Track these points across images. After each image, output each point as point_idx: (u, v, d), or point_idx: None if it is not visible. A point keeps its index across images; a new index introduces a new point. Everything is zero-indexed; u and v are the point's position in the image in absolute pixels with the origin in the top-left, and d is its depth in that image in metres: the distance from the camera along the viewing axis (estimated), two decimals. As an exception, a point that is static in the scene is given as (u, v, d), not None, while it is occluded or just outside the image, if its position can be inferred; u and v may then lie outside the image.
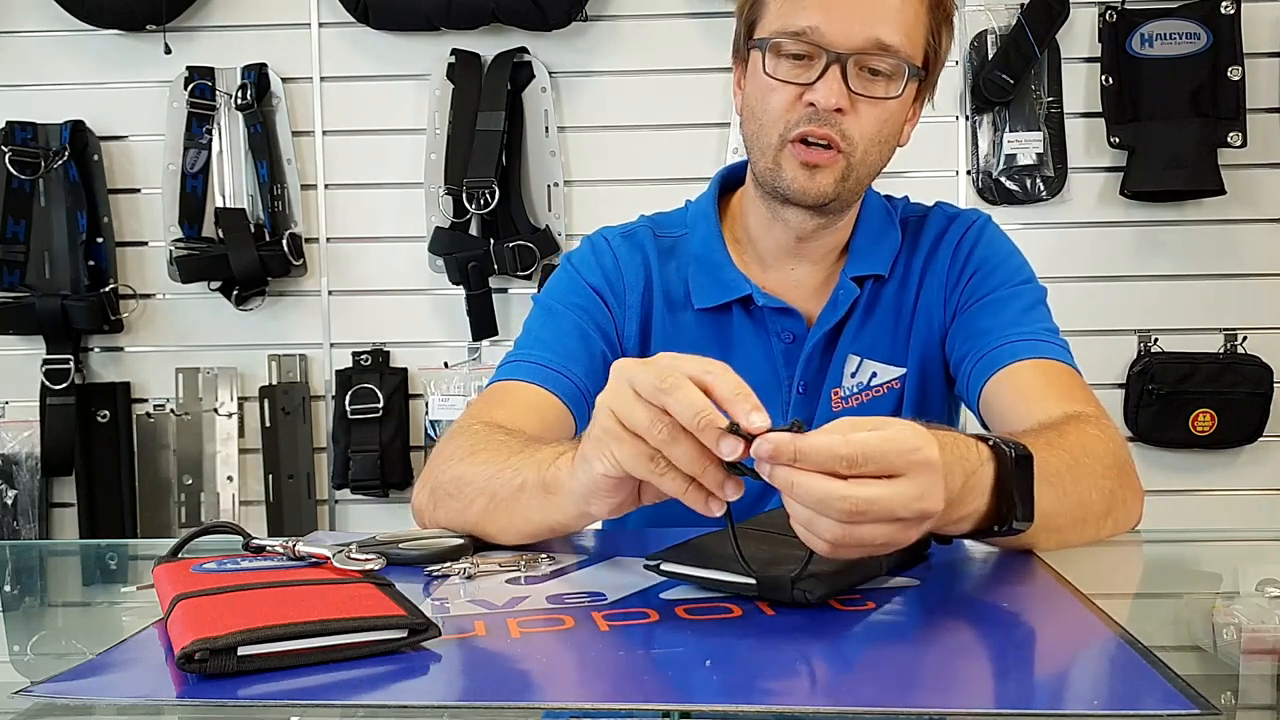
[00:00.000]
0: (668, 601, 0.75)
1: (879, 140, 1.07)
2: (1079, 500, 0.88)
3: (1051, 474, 0.83)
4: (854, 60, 1.03)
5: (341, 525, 2.47)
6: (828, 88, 1.02)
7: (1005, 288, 1.15)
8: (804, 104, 1.04)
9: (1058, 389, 1.05)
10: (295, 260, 2.37)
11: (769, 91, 1.06)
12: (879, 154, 1.09)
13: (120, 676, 0.63)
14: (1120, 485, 0.94)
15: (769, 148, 1.08)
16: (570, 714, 0.56)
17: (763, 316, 1.17)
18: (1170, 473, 2.38)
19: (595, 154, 2.39)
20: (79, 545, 1.81)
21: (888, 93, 1.05)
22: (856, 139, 1.05)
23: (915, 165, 2.33)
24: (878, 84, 1.05)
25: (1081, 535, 0.91)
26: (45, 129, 2.38)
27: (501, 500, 0.90)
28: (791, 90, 1.05)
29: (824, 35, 1.02)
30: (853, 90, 1.03)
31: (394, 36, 2.39)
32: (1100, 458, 0.92)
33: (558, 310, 1.17)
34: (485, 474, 0.92)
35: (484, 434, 0.99)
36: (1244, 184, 2.33)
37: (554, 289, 1.21)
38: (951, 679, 0.62)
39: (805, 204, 1.08)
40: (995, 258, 1.17)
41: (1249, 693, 0.66)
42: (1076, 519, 0.89)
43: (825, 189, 1.07)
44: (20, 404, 2.44)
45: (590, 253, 1.22)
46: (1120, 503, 0.94)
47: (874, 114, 1.05)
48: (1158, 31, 2.30)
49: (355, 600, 0.67)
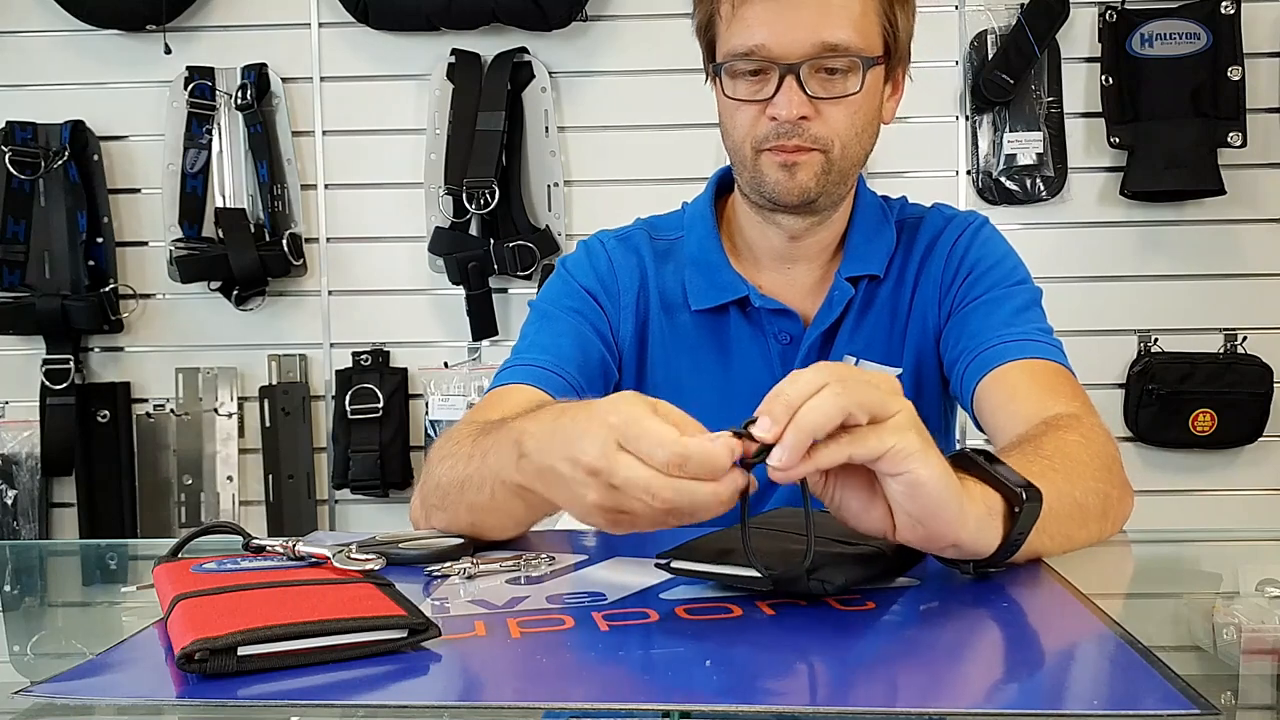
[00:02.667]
0: (668, 601, 0.75)
1: (854, 132, 1.08)
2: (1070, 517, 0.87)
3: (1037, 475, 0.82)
4: (807, 66, 1.04)
5: (341, 525, 2.47)
6: (786, 99, 1.04)
7: (999, 289, 1.15)
8: (768, 118, 1.06)
9: (1045, 388, 1.04)
10: (295, 260, 2.37)
11: (734, 110, 1.09)
12: (859, 145, 1.10)
13: (120, 676, 0.63)
14: (1110, 490, 0.93)
15: (746, 159, 1.10)
16: (570, 714, 0.56)
17: (759, 318, 1.17)
18: (1170, 473, 2.38)
19: (595, 154, 2.39)
20: (79, 545, 1.81)
21: (846, 89, 1.06)
22: (830, 137, 1.06)
23: (915, 165, 2.34)
24: (835, 82, 1.06)
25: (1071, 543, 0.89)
26: (45, 129, 2.38)
27: (481, 509, 0.90)
28: (754, 107, 1.07)
29: (771, 50, 1.04)
30: (812, 96, 1.05)
31: (394, 36, 2.40)
32: (1085, 463, 0.91)
33: (552, 314, 1.18)
34: (457, 482, 0.92)
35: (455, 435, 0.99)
36: (1244, 184, 2.33)
37: (549, 293, 1.21)
38: (951, 679, 0.62)
39: (791, 203, 1.09)
40: (989, 259, 1.17)
41: (1249, 693, 0.66)
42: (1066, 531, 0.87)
43: (807, 185, 1.07)
44: (20, 404, 2.44)
45: (585, 256, 1.22)
46: (1113, 502, 0.93)
47: (840, 112, 1.06)
48: (1158, 31, 2.30)
49: (355, 600, 0.67)
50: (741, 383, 1.17)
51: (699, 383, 1.18)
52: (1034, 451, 0.89)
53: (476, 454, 0.90)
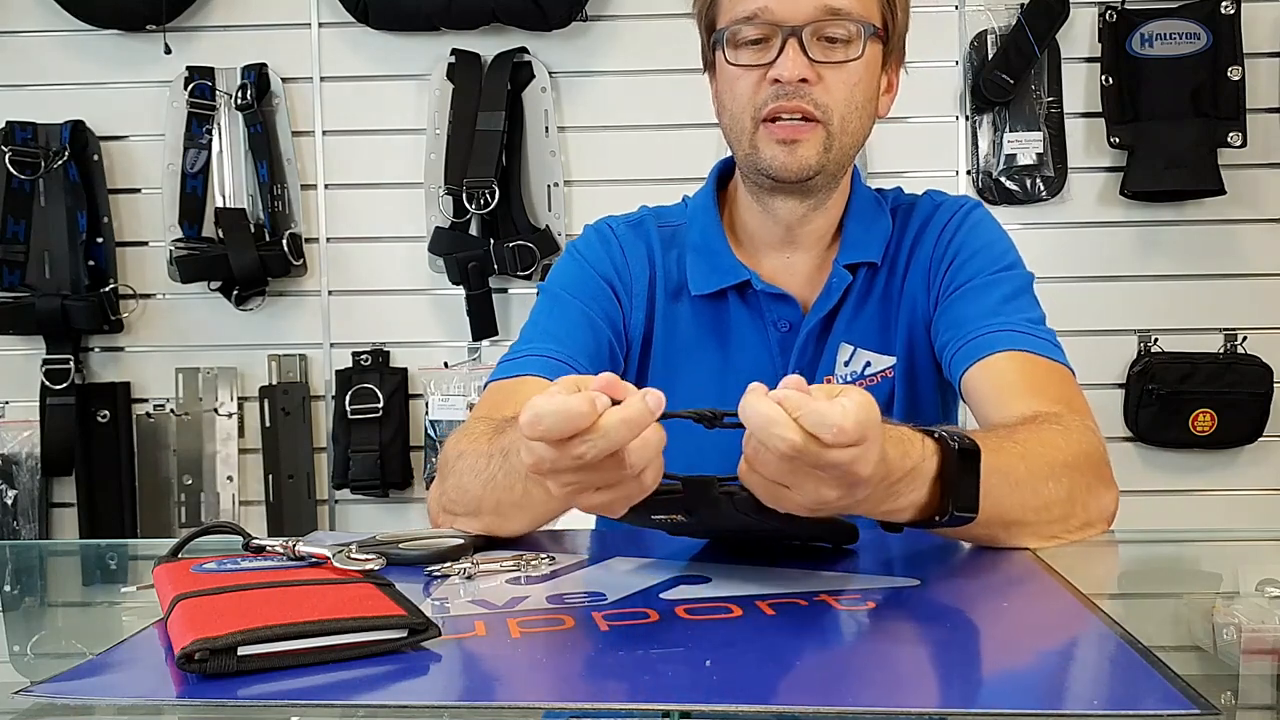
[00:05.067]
0: (668, 601, 0.75)
1: (854, 105, 1.09)
2: (1034, 491, 0.87)
3: (1001, 469, 0.82)
4: (810, 30, 1.05)
5: (341, 525, 2.47)
6: (788, 61, 1.05)
7: (986, 274, 1.13)
8: (769, 82, 1.07)
9: (1031, 385, 1.03)
10: (295, 260, 2.37)
11: (735, 79, 1.09)
12: (858, 121, 1.10)
13: (120, 676, 0.63)
14: (1079, 479, 0.91)
15: (744, 133, 1.10)
16: (570, 714, 0.56)
17: (759, 305, 1.17)
18: (1170, 473, 2.38)
19: (595, 154, 2.39)
20: (79, 545, 1.81)
21: (848, 55, 1.07)
22: (831, 106, 1.07)
23: (915, 165, 2.34)
24: (837, 49, 1.07)
25: (1043, 533, 0.89)
26: (45, 129, 2.38)
27: (511, 506, 0.91)
28: (755, 73, 1.08)
29: (775, 13, 1.05)
30: (813, 60, 1.06)
31: (394, 36, 2.39)
32: (1057, 450, 0.90)
33: (564, 299, 1.18)
34: (480, 482, 0.92)
35: (471, 432, 0.99)
36: (1244, 184, 2.33)
37: (561, 277, 1.21)
38: (951, 679, 0.62)
39: (789, 179, 1.09)
40: (977, 242, 1.16)
41: (1249, 693, 0.66)
42: (1035, 509, 0.87)
43: (808, 161, 1.08)
44: (20, 404, 2.44)
45: (598, 242, 1.22)
46: (1085, 493, 0.92)
47: (841, 79, 1.07)
48: (1158, 31, 2.30)
49: (355, 600, 0.67)
50: (740, 369, 1.17)
51: (697, 368, 1.19)
52: (1007, 436, 0.89)
53: (496, 453, 0.91)
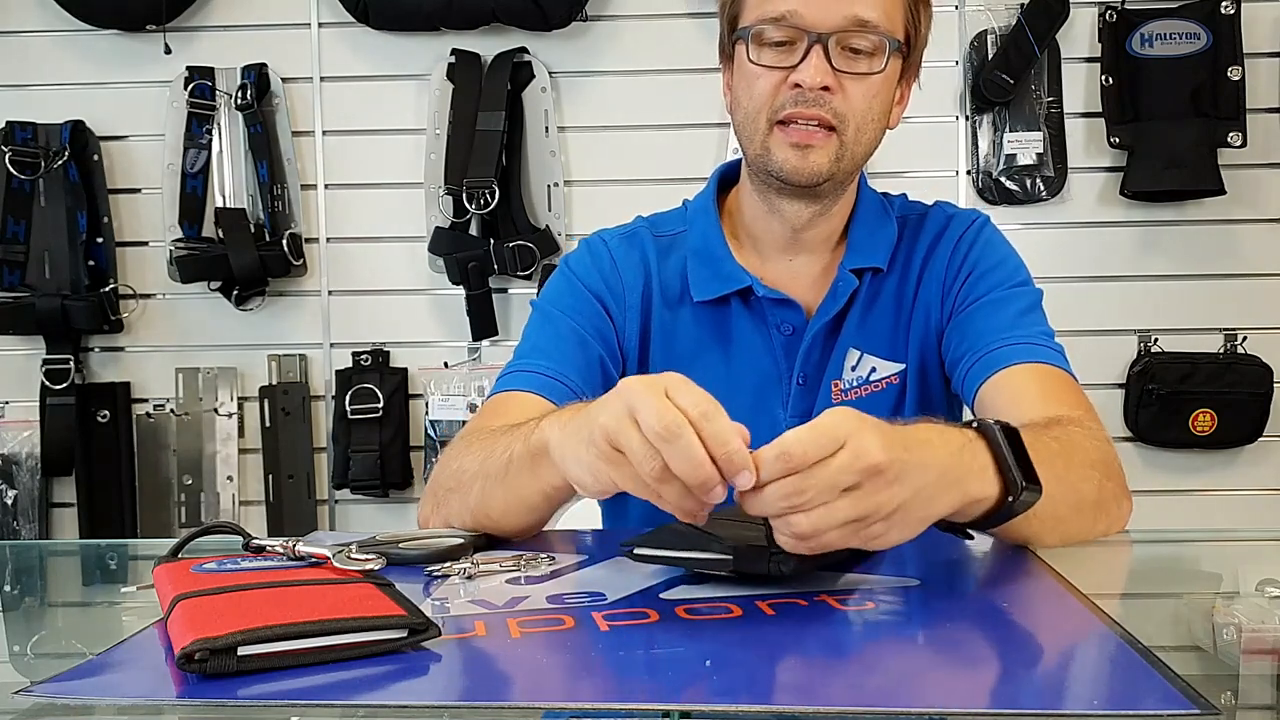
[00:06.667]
0: (668, 601, 0.75)
1: (870, 117, 1.09)
2: (1073, 486, 0.89)
3: (1043, 459, 0.83)
4: (835, 39, 1.05)
5: (341, 525, 2.47)
6: (812, 67, 1.05)
7: (1002, 289, 1.15)
8: (789, 86, 1.07)
9: (1051, 394, 1.06)
10: (295, 260, 2.37)
11: (755, 78, 1.09)
12: (871, 132, 1.11)
13: (120, 676, 0.63)
14: (1106, 481, 0.94)
15: (758, 133, 1.10)
16: (570, 714, 0.56)
17: (762, 309, 1.17)
18: (1170, 473, 2.38)
19: (595, 154, 2.39)
20: (79, 545, 1.81)
21: (871, 68, 1.07)
22: (848, 116, 1.08)
23: (915, 165, 2.33)
24: (860, 61, 1.07)
25: (1079, 525, 0.92)
26: (45, 129, 2.38)
27: (494, 478, 0.92)
28: (777, 74, 1.07)
29: (803, 18, 1.05)
30: (837, 69, 1.06)
31: (394, 36, 2.39)
32: (1086, 451, 0.93)
33: (554, 316, 1.18)
34: (479, 459, 0.95)
35: (478, 434, 1.01)
36: (1244, 184, 2.33)
37: (551, 294, 1.21)
38: (951, 679, 0.62)
39: (799, 183, 1.10)
40: (993, 258, 1.18)
41: (1249, 693, 0.66)
42: (1073, 506, 0.90)
43: (820, 167, 1.08)
44: (20, 404, 2.44)
45: (588, 256, 1.22)
46: (1110, 496, 0.95)
47: (861, 90, 1.07)
48: (1158, 31, 2.30)
49: (355, 600, 0.67)
50: (743, 374, 1.17)
51: (700, 375, 1.18)
52: (1043, 431, 0.90)
53: (498, 449, 0.93)
